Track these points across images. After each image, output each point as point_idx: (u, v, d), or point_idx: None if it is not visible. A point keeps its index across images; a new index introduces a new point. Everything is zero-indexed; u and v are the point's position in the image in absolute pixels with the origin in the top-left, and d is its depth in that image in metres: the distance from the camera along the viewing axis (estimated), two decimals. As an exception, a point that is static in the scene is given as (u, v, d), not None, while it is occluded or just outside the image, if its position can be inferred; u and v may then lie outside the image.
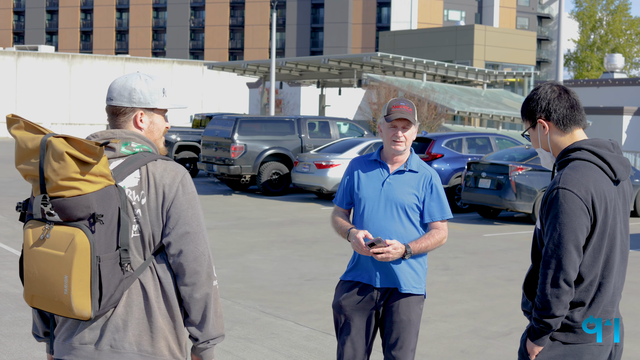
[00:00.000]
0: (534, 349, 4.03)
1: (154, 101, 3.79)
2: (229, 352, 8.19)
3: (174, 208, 3.65)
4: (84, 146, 3.39)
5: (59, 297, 3.43)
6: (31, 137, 3.44)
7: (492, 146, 22.75)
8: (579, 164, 3.95)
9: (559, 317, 3.90)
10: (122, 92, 3.75)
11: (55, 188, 3.40)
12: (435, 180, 5.43)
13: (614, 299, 4.04)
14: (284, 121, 25.71)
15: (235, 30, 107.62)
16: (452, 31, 66.47)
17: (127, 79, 3.78)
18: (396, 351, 5.36)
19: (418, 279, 5.40)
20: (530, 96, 4.15)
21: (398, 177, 5.42)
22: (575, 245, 3.84)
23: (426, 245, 5.34)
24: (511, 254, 14.69)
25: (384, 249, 5.19)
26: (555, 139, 4.10)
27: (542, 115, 4.10)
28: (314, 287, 11.50)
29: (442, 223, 5.43)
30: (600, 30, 79.70)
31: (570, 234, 3.83)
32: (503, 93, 46.07)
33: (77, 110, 67.46)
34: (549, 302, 3.87)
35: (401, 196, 5.35)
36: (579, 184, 3.86)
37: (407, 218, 5.36)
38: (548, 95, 4.08)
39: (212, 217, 18.84)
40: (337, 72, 45.94)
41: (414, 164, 5.46)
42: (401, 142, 5.37)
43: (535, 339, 4.01)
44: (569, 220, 3.83)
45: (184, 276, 3.67)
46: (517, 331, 9.28)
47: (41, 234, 3.44)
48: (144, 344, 3.65)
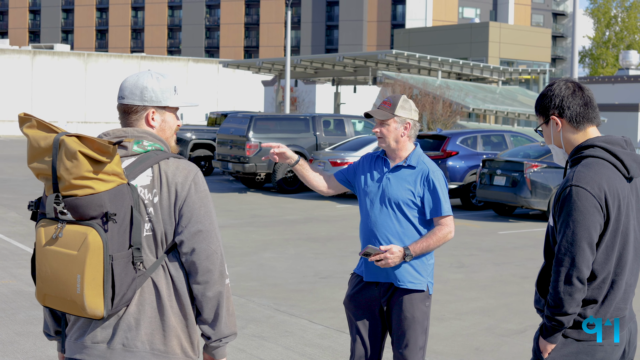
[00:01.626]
0: (546, 347, 4.02)
1: (166, 99, 3.78)
2: (243, 350, 8.19)
3: (186, 206, 3.64)
4: (97, 145, 3.38)
5: (72, 296, 3.42)
6: (43, 135, 3.43)
7: (507, 143, 22.67)
8: (591, 161, 3.92)
9: (571, 315, 3.88)
10: (133, 91, 3.74)
11: (68, 187, 3.39)
12: (433, 175, 5.35)
13: (626, 296, 4.01)
14: (299, 119, 25.71)
15: (250, 29, 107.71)
16: (467, 28, 66.33)
17: (138, 77, 3.77)
18: (402, 349, 5.33)
19: (416, 274, 5.33)
20: (545, 92, 4.12)
21: (395, 173, 5.41)
22: (588, 243, 3.82)
23: (427, 245, 5.28)
24: (526, 252, 14.64)
25: (379, 256, 5.19)
26: (567, 136, 4.07)
27: (555, 111, 4.06)
28: (328, 285, 11.49)
29: (446, 218, 5.36)
30: (615, 26, 79.42)
31: (583, 231, 3.81)
32: (518, 90, 45.94)
33: (93, 108, 67.62)
34: (561, 300, 3.86)
35: (396, 192, 5.33)
36: (592, 182, 3.83)
37: (403, 214, 5.32)
38: (562, 92, 4.05)
39: (227, 215, 18.85)
40: (352, 69, 45.89)
41: (414, 159, 5.41)
42: (380, 139, 5.43)
43: (547, 337, 4.00)
44: (583, 218, 3.81)
45: (197, 274, 3.66)
46: (531, 329, 9.25)
47: (54, 233, 3.43)
48: (156, 343, 3.64)
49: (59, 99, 66.22)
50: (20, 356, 7.86)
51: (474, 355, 8.26)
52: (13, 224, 16.66)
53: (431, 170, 5.38)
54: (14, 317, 9.30)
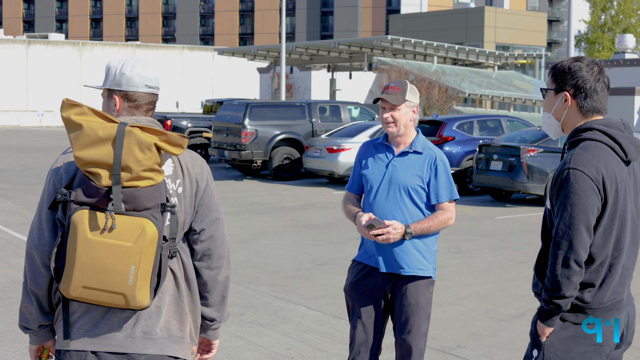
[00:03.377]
0: (544, 330, 4.02)
1: None
2: (241, 337, 8.20)
3: (206, 196, 3.74)
4: (166, 137, 3.42)
5: (121, 288, 3.40)
6: (102, 124, 3.39)
7: (503, 128, 22.68)
8: (589, 144, 3.91)
9: (568, 298, 3.88)
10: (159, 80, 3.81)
11: (135, 178, 3.38)
12: (439, 161, 5.36)
13: (623, 279, 4.01)
14: (294, 106, 25.68)
15: (245, 16, 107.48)
16: (463, 13, 66.20)
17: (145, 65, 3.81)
18: (406, 335, 5.33)
19: (424, 261, 5.34)
20: (570, 66, 4.01)
21: (402, 159, 5.38)
22: (586, 226, 3.81)
23: (428, 226, 5.28)
24: (524, 236, 14.66)
25: (383, 230, 5.17)
26: (571, 116, 4.03)
27: (571, 90, 4.00)
28: (326, 271, 11.50)
29: (449, 204, 5.37)
30: (611, 10, 79.26)
31: (581, 214, 3.80)
32: (514, 75, 45.93)
33: (88, 97, 67.40)
34: (559, 283, 3.85)
35: (405, 178, 5.31)
36: (590, 164, 3.82)
37: (411, 200, 5.31)
38: (586, 76, 3.97)
39: (224, 202, 18.85)
40: (347, 56, 45.86)
41: (419, 145, 5.40)
42: (391, 124, 5.36)
43: (545, 320, 3.99)
44: (580, 201, 3.80)
45: (211, 260, 3.76)
46: (529, 313, 9.26)
47: (104, 224, 3.37)
48: (173, 329, 3.69)
49: (54, 88, 66.12)
50: (19, 345, 7.86)
51: (472, 340, 8.28)
52: (10, 214, 16.65)
53: (438, 155, 5.38)
54: (12, 306, 9.29)
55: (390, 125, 5.36)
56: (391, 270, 5.31)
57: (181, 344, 3.70)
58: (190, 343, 3.77)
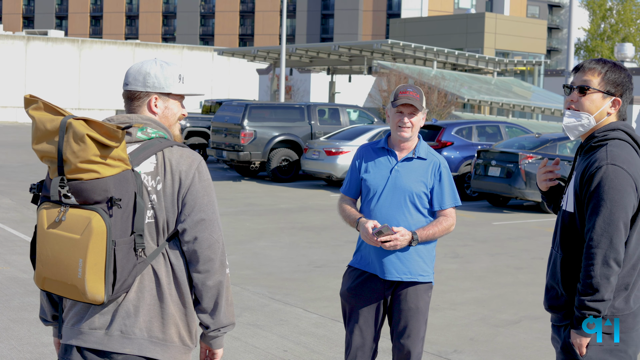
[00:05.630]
0: (581, 342, 3.85)
1: (169, 86, 3.76)
2: (238, 339, 8.18)
3: (190, 195, 3.64)
4: (105, 129, 3.37)
5: (72, 281, 3.40)
6: (50, 118, 3.41)
7: (502, 134, 22.67)
8: (620, 143, 3.88)
9: (607, 301, 3.75)
10: (137, 77, 3.74)
11: (74, 170, 3.37)
12: (443, 167, 5.37)
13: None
14: (293, 108, 25.66)
15: (245, 16, 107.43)
16: (463, 19, 66.24)
17: (142, 64, 3.78)
18: (405, 339, 5.32)
19: (425, 267, 5.34)
20: (623, 72, 3.99)
21: (406, 165, 5.35)
22: (624, 223, 3.74)
23: (433, 232, 5.28)
24: (521, 243, 14.66)
25: (391, 237, 5.13)
26: (610, 120, 4.00)
27: (621, 96, 3.99)
28: (323, 273, 11.49)
29: (451, 210, 5.37)
30: (611, 19, 79.40)
31: (620, 211, 3.73)
32: (513, 81, 45.96)
33: (87, 95, 67.42)
34: (598, 285, 3.73)
35: (409, 184, 5.29)
36: (627, 162, 3.78)
37: (414, 207, 5.29)
38: (631, 86, 4.00)
39: (222, 203, 18.83)
40: (347, 59, 45.85)
41: (422, 151, 5.39)
42: (407, 128, 5.31)
43: (582, 330, 3.83)
44: (620, 197, 3.73)
45: (198, 263, 3.66)
46: (526, 319, 9.26)
47: (56, 216, 3.41)
48: (154, 330, 3.63)
49: (52, 85, 65.98)
50: (15, 342, 7.84)
51: (469, 346, 8.27)
52: (7, 210, 16.62)
53: (442, 162, 5.38)
54: (8, 303, 9.28)
55: (407, 130, 5.32)
56: (394, 276, 5.29)
57: (164, 346, 3.64)
58: (181, 347, 3.69)
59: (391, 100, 5.37)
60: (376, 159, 5.43)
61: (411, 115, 5.31)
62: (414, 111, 5.30)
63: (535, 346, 8.30)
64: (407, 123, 5.30)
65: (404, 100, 5.26)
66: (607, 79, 3.96)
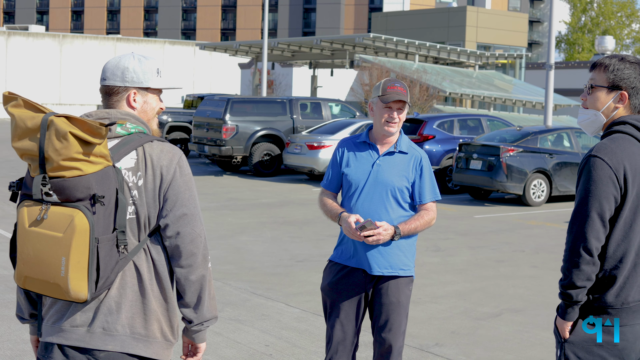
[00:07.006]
0: (563, 326, 3.95)
1: (147, 80, 3.75)
2: (220, 334, 8.18)
3: (171, 190, 3.64)
4: (88, 126, 3.35)
5: (55, 279, 3.38)
6: (31, 115, 3.38)
7: (483, 127, 22.74)
8: (618, 136, 3.89)
9: (580, 289, 3.81)
10: (115, 72, 3.72)
11: (56, 168, 3.35)
12: (424, 161, 5.38)
13: None
14: (275, 102, 25.64)
15: (227, 11, 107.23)
16: (445, 12, 66.26)
17: (120, 59, 3.76)
18: (386, 333, 5.33)
19: (406, 260, 5.35)
20: (625, 64, 3.98)
21: (388, 159, 5.35)
22: (598, 213, 3.77)
23: (415, 226, 5.29)
24: (502, 235, 14.70)
25: (374, 232, 5.13)
26: (620, 114, 4.00)
27: (627, 89, 3.97)
28: (304, 268, 11.50)
29: (432, 204, 5.38)
30: (591, 12, 79.64)
31: (594, 201, 3.76)
32: (495, 75, 46.04)
33: (68, 90, 67.16)
34: (569, 271, 3.81)
35: (391, 178, 5.29)
36: (612, 153, 3.79)
37: (396, 201, 5.30)
38: (639, 80, 3.96)
39: (203, 198, 18.81)
40: (329, 53, 45.80)
41: (404, 145, 5.39)
42: (395, 124, 5.31)
43: (561, 314, 3.94)
44: (595, 188, 3.77)
45: (180, 258, 3.66)
46: (507, 312, 9.29)
47: (38, 215, 3.38)
48: (136, 327, 3.62)
49: (33, 80, 65.70)
50: (-5, 339, 7.82)
51: (450, 339, 8.29)
52: (-12, 206, 16.55)
53: (423, 156, 5.39)
54: (-11, 299, 9.24)
55: (394, 126, 5.32)
56: (376, 271, 5.29)
57: (146, 342, 3.64)
58: (163, 342, 3.70)
59: (378, 95, 5.33)
60: (357, 153, 5.42)
61: (400, 111, 5.31)
62: (402, 106, 5.31)
63: (517, 338, 8.34)
64: (395, 119, 5.30)
65: (395, 97, 5.25)
66: (612, 74, 3.98)
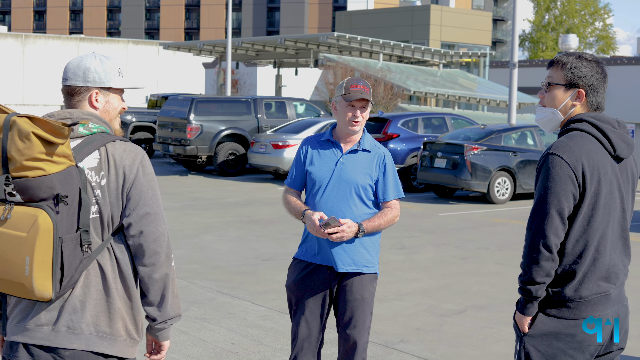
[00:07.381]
0: (521, 320, 4.00)
1: (109, 80, 3.76)
2: (186, 333, 8.19)
3: (134, 189, 3.65)
4: (50, 126, 3.35)
5: (19, 279, 3.38)
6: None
7: (447, 126, 22.84)
8: (575, 133, 3.94)
9: (539, 285, 3.86)
10: (76, 72, 3.73)
11: (19, 168, 3.35)
12: (388, 159, 5.41)
13: (608, 275, 3.95)
14: (240, 101, 25.64)
15: (191, 10, 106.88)
16: (409, 11, 66.46)
17: (81, 59, 3.77)
18: (351, 330, 5.37)
19: (370, 258, 5.38)
20: (581, 62, 4.01)
21: (351, 157, 5.39)
22: (557, 211, 3.82)
23: (379, 224, 5.33)
24: (466, 233, 14.80)
25: (338, 229, 5.17)
26: (578, 112, 4.04)
27: (584, 87, 4.00)
28: (270, 267, 11.52)
29: (395, 202, 5.42)
30: (555, 10, 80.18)
31: (553, 198, 3.81)
32: (459, 73, 46.23)
33: (31, 91, 66.57)
34: (528, 267, 3.85)
35: (355, 176, 5.33)
36: (569, 151, 3.84)
37: (360, 199, 5.33)
38: (597, 74, 4.00)
39: (168, 197, 18.77)
40: (293, 52, 45.79)
41: (367, 143, 5.43)
42: (358, 123, 5.34)
43: (520, 309, 3.98)
44: (554, 185, 3.81)
45: (144, 257, 3.68)
46: (471, 309, 9.37)
47: (1, 215, 3.38)
48: (101, 325, 3.63)
49: (-4, 80, 65.15)
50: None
51: (415, 335, 8.35)
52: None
53: (386, 154, 5.43)
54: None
55: (357, 124, 5.35)
56: (340, 268, 5.32)
57: (111, 340, 3.65)
58: (128, 340, 3.71)
59: (341, 94, 5.35)
60: (321, 152, 5.45)
61: (363, 109, 5.34)
62: (365, 105, 5.34)
63: (481, 334, 8.41)
64: (359, 117, 5.33)
65: (358, 95, 5.28)
66: (569, 72, 4.02)
